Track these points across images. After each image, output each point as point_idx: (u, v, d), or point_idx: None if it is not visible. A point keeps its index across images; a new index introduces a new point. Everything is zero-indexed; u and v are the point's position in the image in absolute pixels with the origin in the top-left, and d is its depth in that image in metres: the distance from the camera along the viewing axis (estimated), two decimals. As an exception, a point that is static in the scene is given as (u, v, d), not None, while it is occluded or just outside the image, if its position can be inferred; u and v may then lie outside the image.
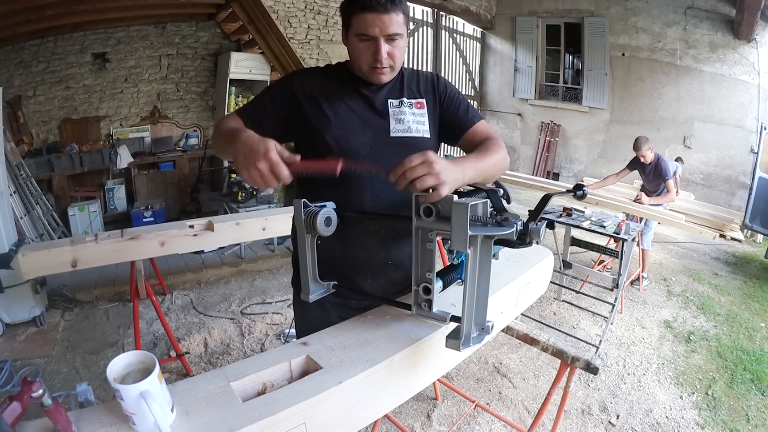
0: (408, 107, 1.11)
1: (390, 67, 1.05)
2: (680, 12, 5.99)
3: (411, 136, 1.09)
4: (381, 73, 1.05)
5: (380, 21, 0.97)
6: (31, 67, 4.20)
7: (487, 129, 1.14)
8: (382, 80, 1.07)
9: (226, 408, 0.68)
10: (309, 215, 0.93)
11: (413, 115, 1.11)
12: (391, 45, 1.02)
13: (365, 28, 0.99)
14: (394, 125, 1.09)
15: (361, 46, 1.02)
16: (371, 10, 0.97)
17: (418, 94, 1.14)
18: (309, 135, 1.08)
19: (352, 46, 1.05)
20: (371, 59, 1.02)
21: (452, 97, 1.15)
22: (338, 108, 1.08)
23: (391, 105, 1.10)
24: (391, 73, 1.07)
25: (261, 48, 4.87)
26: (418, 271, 0.88)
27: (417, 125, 1.11)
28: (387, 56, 1.02)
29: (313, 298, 1.01)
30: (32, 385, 0.59)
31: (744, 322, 3.22)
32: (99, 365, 2.46)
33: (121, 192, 4.87)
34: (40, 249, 1.99)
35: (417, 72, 1.18)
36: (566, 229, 3.22)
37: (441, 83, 1.16)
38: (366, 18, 0.98)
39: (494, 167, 1.00)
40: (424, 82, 1.16)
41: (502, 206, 0.81)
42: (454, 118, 1.14)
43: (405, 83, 1.13)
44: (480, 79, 8.60)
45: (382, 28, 0.98)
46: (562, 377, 1.29)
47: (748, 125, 5.76)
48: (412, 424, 2.10)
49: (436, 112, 1.14)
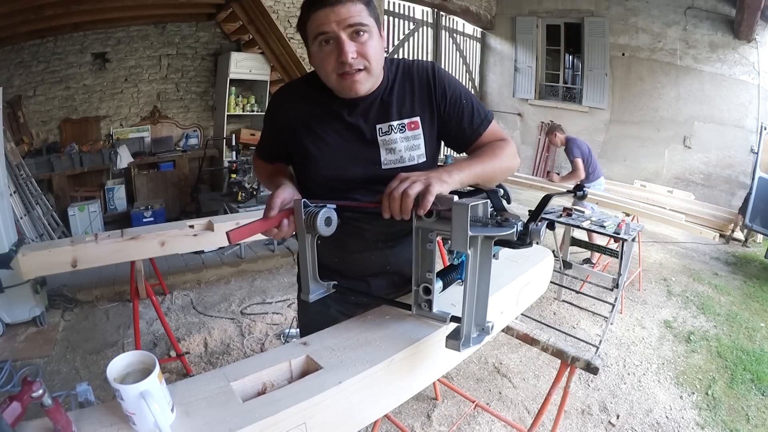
0: (399, 131, 0.98)
1: (365, 70, 0.90)
2: (680, 12, 5.99)
3: (404, 166, 0.99)
4: (353, 80, 0.89)
5: (335, 14, 0.85)
6: (31, 67, 4.21)
7: (495, 135, 1.03)
8: (357, 89, 0.91)
9: (226, 408, 0.68)
10: (309, 215, 0.93)
11: (405, 140, 0.99)
12: (358, 42, 0.87)
13: (320, 26, 0.86)
14: (385, 156, 0.99)
15: (323, 53, 0.89)
16: (322, 5, 0.85)
17: (411, 111, 0.99)
18: (300, 170, 1.08)
19: (314, 58, 0.92)
20: (337, 64, 0.88)
21: (454, 103, 1.00)
22: (323, 144, 0.99)
23: (380, 132, 0.98)
24: (368, 77, 0.92)
25: (261, 48, 4.87)
26: (418, 271, 0.88)
27: (410, 152, 0.99)
28: (356, 55, 0.87)
29: (313, 298, 1.01)
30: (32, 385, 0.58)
31: (744, 322, 3.22)
32: (99, 365, 2.47)
33: (121, 192, 4.88)
34: (40, 249, 1.99)
35: (410, 72, 1.01)
36: (566, 229, 3.22)
37: (439, 87, 1.00)
38: (319, 15, 0.85)
39: (500, 171, 0.95)
40: (419, 91, 1.00)
41: (502, 206, 0.81)
42: (459, 129, 1.02)
43: (395, 97, 0.99)
44: (480, 79, 8.60)
45: (340, 21, 0.85)
46: (562, 377, 1.29)
47: (748, 125, 5.76)
48: (412, 424, 2.10)
49: (434, 125, 1.02)
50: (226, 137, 5.15)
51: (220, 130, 5.26)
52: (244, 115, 5.33)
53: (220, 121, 5.21)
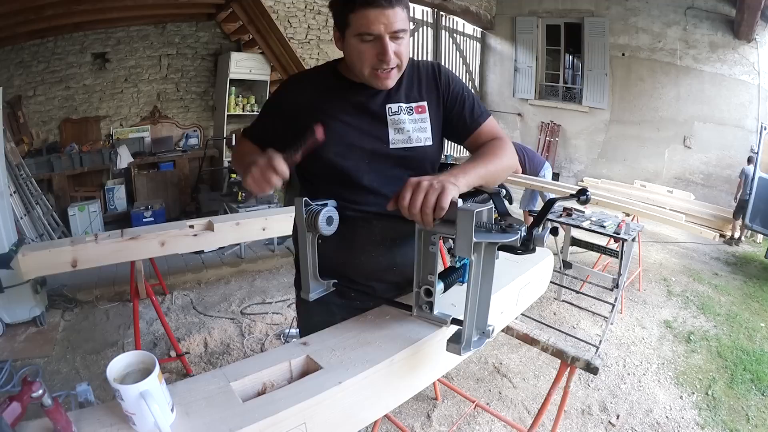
0: (407, 113, 1.02)
1: (397, 67, 0.95)
2: (680, 12, 5.99)
3: (412, 147, 1.02)
4: (387, 77, 0.95)
5: (384, 17, 0.87)
6: (31, 67, 4.21)
7: (493, 128, 1.07)
8: (387, 85, 0.97)
9: (226, 408, 0.68)
10: (310, 214, 0.93)
11: (413, 122, 1.02)
12: (396, 43, 0.91)
13: (368, 26, 0.88)
14: (394, 135, 1.01)
15: (363, 47, 0.91)
16: (374, 6, 0.86)
17: (419, 96, 1.04)
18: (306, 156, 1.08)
19: (351, 49, 0.94)
20: (376, 60, 0.92)
21: (456, 94, 1.05)
22: (332, 123, 0.99)
23: (390, 111, 1.01)
24: (398, 74, 0.97)
25: (261, 48, 4.87)
26: (419, 273, 0.88)
27: (418, 133, 1.02)
28: (394, 56, 0.91)
29: (314, 296, 1.01)
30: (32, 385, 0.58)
31: (744, 322, 3.22)
32: (99, 365, 2.46)
33: (121, 192, 4.87)
34: (40, 249, 1.99)
35: (417, 65, 1.07)
36: (566, 229, 3.22)
37: (444, 78, 1.05)
38: (368, 14, 0.87)
39: (502, 171, 0.96)
40: (426, 79, 1.05)
41: (506, 211, 0.80)
42: (460, 118, 1.05)
43: (404, 83, 1.03)
44: (480, 79, 8.60)
45: (387, 25, 0.88)
46: (562, 377, 1.29)
47: (748, 125, 5.76)
48: (412, 424, 2.10)
49: (439, 111, 1.06)
50: (226, 137, 5.15)
51: (220, 130, 5.26)
52: (244, 115, 5.33)
53: (220, 121, 5.21)
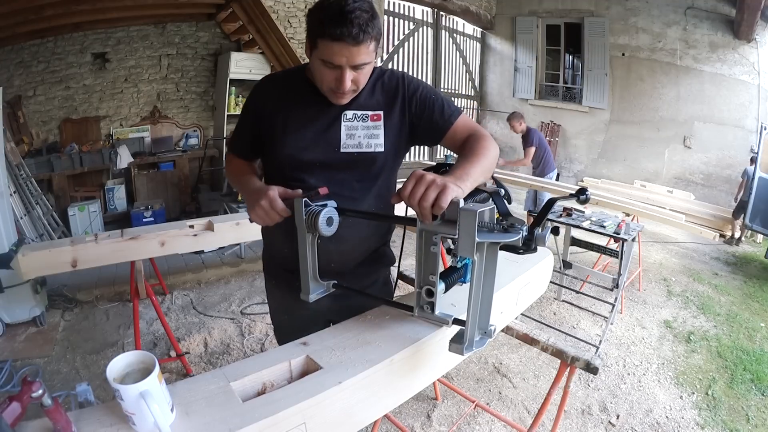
0: (362, 120, 1.07)
1: (353, 91, 1.02)
2: (680, 12, 5.99)
3: (361, 152, 1.07)
4: (342, 97, 1.02)
5: (348, 52, 0.92)
6: (31, 67, 4.20)
7: (467, 124, 1.10)
8: (341, 102, 1.04)
9: (226, 408, 0.68)
10: (310, 214, 0.93)
11: (366, 128, 1.07)
12: (356, 72, 0.97)
13: (331, 56, 0.93)
14: (345, 140, 1.06)
15: (324, 70, 0.97)
16: (339, 41, 0.90)
17: (377, 105, 1.09)
18: (267, 150, 1.13)
19: (315, 66, 0.99)
20: (334, 84, 0.98)
21: (424, 99, 1.09)
22: (292, 123, 1.06)
23: (344, 118, 1.07)
24: (354, 94, 1.04)
25: (261, 48, 4.87)
26: (421, 273, 0.87)
27: (369, 140, 1.07)
28: (351, 83, 0.97)
29: (314, 297, 1.01)
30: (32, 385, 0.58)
31: (744, 322, 3.22)
32: (99, 365, 2.46)
33: (121, 192, 4.87)
34: (40, 249, 1.99)
35: (383, 76, 1.11)
36: (566, 229, 3.22)
37: (409, 88, 1.10)
38: (333, 47, 0.91)
39: (491, 165, 0.98)
40: (389, 90, 1.10)
41: (507, 210, 0.80)
42: (431, 121, 1.09)
43: (365, 92, 1.08)
44: (480, 79, 8.60)
45: (350, 59, 0.93)
46: (562, 377, 1.29)
47: (748, 125, 5.76)
48: (412, 424, 2.10)
49: (404, 119, 1.10)
50: (226, 137, 5.15)
51: (220, 130, 5.26)
52: (244, 115, 5.33)
53: (220, 121, 5.21)
